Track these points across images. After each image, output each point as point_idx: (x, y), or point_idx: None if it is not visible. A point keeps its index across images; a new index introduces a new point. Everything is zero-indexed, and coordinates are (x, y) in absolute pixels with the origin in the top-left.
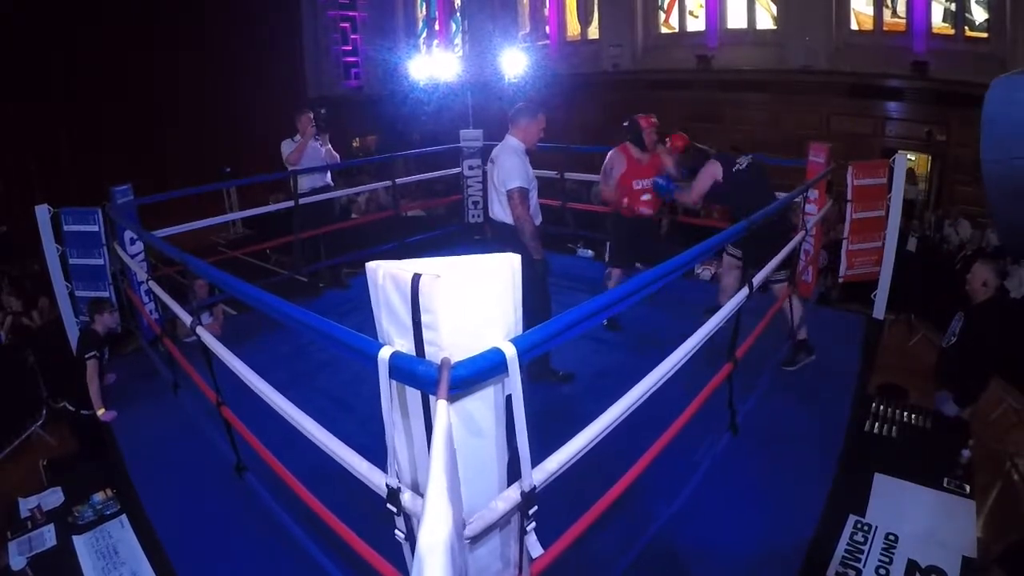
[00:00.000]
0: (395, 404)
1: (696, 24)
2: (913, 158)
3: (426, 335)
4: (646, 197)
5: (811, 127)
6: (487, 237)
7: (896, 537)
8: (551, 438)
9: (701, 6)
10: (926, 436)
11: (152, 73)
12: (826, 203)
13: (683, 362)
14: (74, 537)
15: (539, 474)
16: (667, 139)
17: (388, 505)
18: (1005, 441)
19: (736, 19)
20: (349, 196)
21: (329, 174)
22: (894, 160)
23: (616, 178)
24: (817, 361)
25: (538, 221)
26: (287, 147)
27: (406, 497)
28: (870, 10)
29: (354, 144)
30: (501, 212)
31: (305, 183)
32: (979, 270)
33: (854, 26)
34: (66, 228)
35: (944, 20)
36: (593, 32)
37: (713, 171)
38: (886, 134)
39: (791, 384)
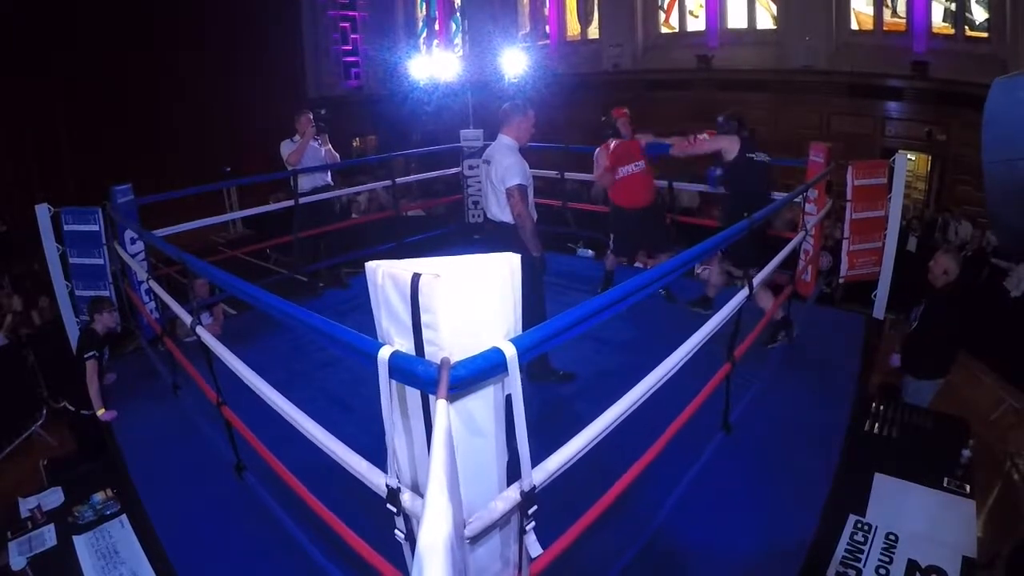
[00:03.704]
0: (395, 404)
1: (696, 24)
2: (913, 158)
3: (426, 335)
4: (636, 170)
5: (811, 127)
6: (486, 236)
7: (896, 537)
8: (551, 438)
9: (701, 6)
10: (926, 436)
11: (152, 73)
12: (826, 203)
13: (683, 363)
14: (74, 537)
15: (539, 474)
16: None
17: (388, 505)
18: (1005, 441)
19: (736, 19)
20: (350, 196)
21: (329, 173)
22: (894, 160)
23: (602, 166)
24: (817, 361)
25: (534, 219)
26: (287, 148)
27: (406, 497)
28: (870, 10)
29: (354, 144)
30: (499, 211)
31: (305, 183)
32: (941, 259)
33: (854, 26)
34: (66, 228)
35: (944, 20)
36: (593, 32)
37: (725, 143)
38: (886, 134)
39: (791, 384)
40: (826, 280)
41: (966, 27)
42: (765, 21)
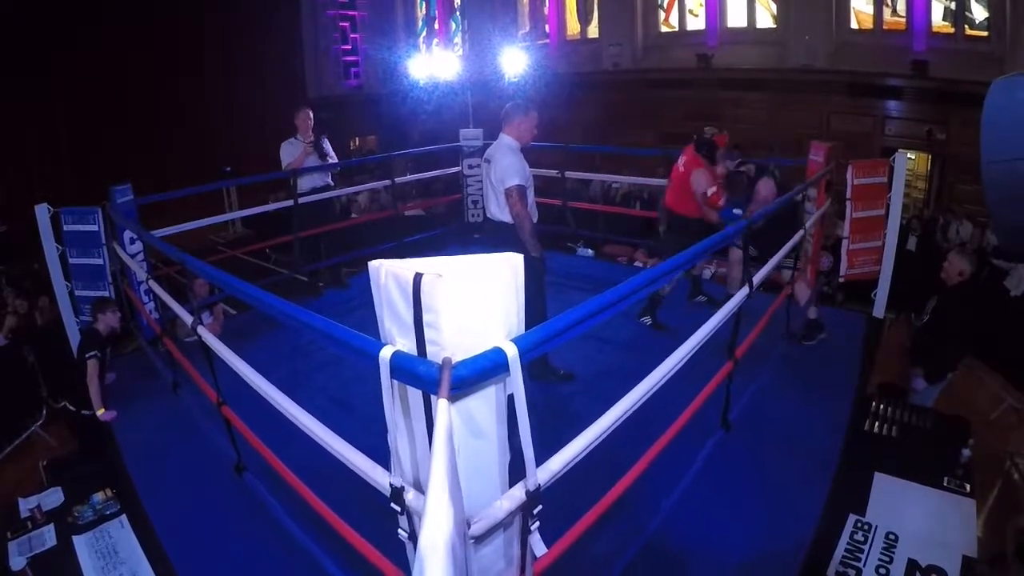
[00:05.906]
0: (397, 404)
1: (696, 23)
2: (913, 157)
3: (428, 334)
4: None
5: (811, 126)
6: (485, 236)
7: (896, 536)
8: (552, 437)
9: (701, 5)
10: (926, 436)
11: (152, 73)
12: (825, 202)
13: (684, 362)
14: (74, 537)
15: (543, 474)
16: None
17: (392, 504)
18: (1005, 441)
19: (736, 18)
20: (349, 196)
21: (330, 174)
22: (894, 159)
23: (709, 185)
24: (817, 361)
25: (534, 219)
26: (286, 155)
27: (409, 496)
28: (870, 9)
29: (352, 145)
30: (498, 211)
31: (305, 183)
32: (956, 260)
33: (854, 25)
34: (66, 228)
35: (944, 19)
36: (593, 31)
37: (768, 191)
38: (886, 133)
39: (791, 383)
40: (826, 280)
41: (966, 26)
42: (765, 20)
